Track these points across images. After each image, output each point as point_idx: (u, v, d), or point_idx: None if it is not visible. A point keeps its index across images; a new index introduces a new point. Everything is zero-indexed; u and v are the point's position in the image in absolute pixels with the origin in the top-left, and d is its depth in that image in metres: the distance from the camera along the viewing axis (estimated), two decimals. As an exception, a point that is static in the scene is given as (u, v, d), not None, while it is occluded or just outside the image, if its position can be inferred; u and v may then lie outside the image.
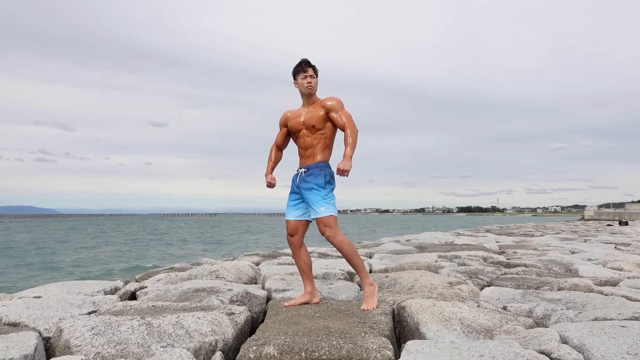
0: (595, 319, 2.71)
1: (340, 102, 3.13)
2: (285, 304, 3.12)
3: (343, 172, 2.93)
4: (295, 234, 3.18)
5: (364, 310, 2.90)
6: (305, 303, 3.12)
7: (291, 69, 3.20)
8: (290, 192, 3.22)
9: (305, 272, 3.20)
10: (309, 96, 3.18)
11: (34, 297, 3.57)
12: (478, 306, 3.02)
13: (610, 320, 2.67)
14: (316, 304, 3.13)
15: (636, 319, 2.69)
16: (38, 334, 2.56)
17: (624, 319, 2.68)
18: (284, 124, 3.31)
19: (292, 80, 3.21)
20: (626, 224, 23.99)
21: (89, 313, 3.14)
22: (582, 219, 49.39)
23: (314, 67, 3.15)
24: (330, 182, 3.11)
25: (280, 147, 3.39)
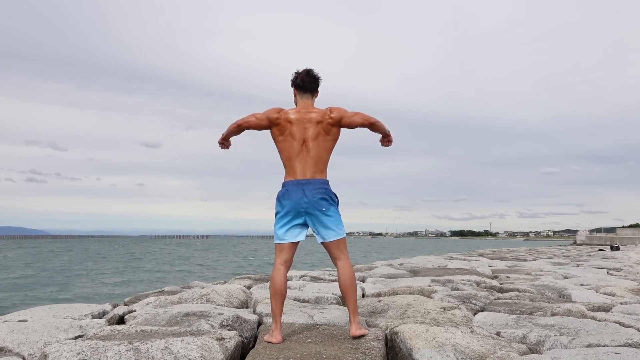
0: (589, 345, 2.69)
1: None
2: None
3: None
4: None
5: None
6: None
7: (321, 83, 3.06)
8: None
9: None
10: None
11: (19, 320, 3.49)
12: (471, 332, 2.99)
13: (604, 346, 2.65)
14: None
15: (630, 345, 2.68)
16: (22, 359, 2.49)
17: (618, 346, 2.66)
18: None
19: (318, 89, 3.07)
20: (617, 248, 24.07)
21: (76, 338, 3.06)
22: (574, 243, 49.56)
23: None
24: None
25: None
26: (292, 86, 3.05)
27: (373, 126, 3.02)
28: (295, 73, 3.02)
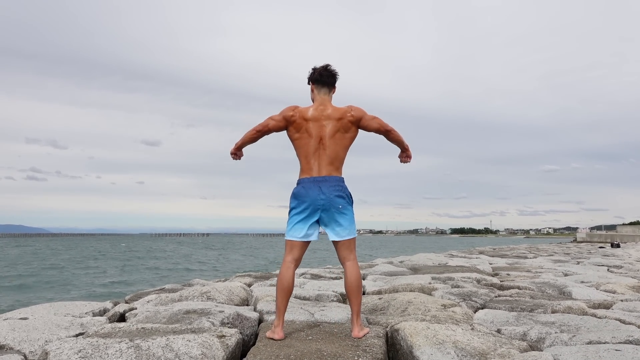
0: (590, 343, 2.69)
1: None
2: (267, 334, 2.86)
3: None
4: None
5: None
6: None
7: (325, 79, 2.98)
8: None
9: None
10: None
11: (20, 318, 3.49)
12: (472, 329, 2.99)
13: (604, 343, 2.65)
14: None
15: (630, 342, 2.68)
16: (23, 357, 2.49)
17: (618, 343, 2.66)
18: None
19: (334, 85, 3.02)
20: (618, 246, 24.07)
21: (77, 335, 3.06)
22: (575, 241, 49.57)
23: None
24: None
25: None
26: (308, 82, 3.01)
27: (389, 134, 2.99)
28: (312, 69, 2.99)
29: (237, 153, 3.11)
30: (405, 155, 3.13)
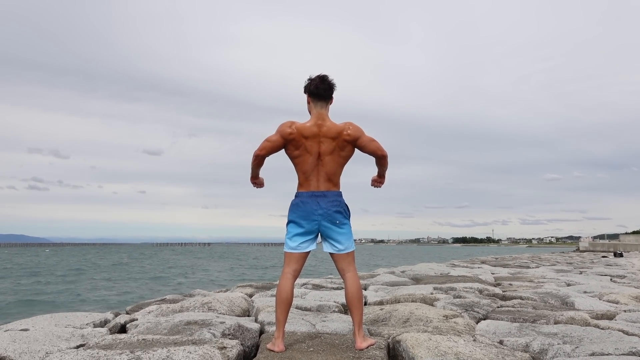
0: (593, 354, 2.68)
1: None
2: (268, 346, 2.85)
3: None
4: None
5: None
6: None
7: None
8: None
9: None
10: None
11: (21, 329, 3.49)
12: (474, 340, 2.98)
13: (607, 355, 2.64)
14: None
15: (633, 354, 2.66)
16: (23, 369, 2.48)
17: (621, 354, 2.65)
18: None
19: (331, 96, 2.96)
20: (621, 255, 23.93)
21: (77, 347, 3.06)
22: (577, 250, 49.34)
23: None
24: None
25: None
26: (305, 92, 2.94)
27: (382, 159, 2.99)
28: (309, 79, 2.92)
29: (255, 182, 3.14)
30: (379, 181, 3.18)
